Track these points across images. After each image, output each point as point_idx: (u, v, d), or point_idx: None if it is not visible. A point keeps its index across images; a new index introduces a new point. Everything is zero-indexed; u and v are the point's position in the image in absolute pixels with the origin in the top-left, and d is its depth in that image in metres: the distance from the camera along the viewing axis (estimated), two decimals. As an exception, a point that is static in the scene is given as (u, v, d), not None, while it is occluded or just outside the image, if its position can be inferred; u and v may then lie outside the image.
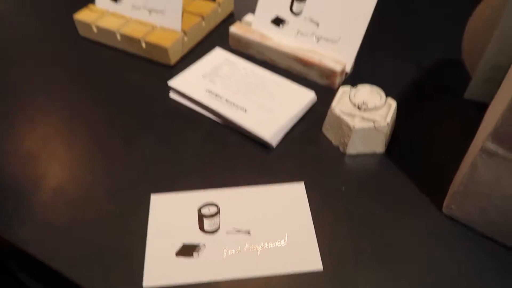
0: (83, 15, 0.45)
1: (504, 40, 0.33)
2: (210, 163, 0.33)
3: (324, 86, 0.39)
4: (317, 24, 0.39)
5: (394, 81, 0.39)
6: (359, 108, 0.33)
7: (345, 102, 0.34)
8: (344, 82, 0.40)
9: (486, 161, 0.25)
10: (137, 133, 0.35)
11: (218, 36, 0.46)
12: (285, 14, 0.41)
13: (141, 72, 0.41)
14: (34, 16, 0.50)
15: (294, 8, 0.40)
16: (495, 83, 0.35)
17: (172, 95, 0.38)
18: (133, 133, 0.35)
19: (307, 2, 0.39)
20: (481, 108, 0.31)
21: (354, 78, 0.40)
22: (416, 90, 0.39)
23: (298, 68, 0.40)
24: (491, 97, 0.30)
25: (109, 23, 0.43)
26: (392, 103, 0.33)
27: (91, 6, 0.46)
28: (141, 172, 0.32)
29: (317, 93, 0.38)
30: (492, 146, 0.24)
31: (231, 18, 0.48)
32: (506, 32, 0.33)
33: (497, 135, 0.24)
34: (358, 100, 0.33)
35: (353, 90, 0.34)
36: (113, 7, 0.45)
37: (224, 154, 0.34)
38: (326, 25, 0.39)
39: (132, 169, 0.33)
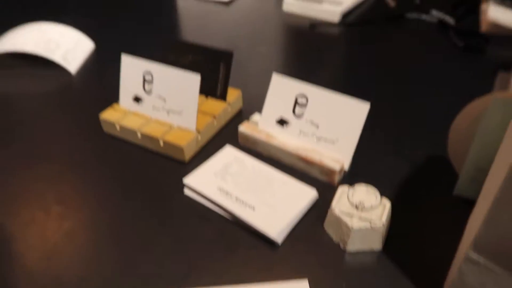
0: (108, 115, 0.50)
1: (483, 146, 0.37)
2: (220, 259, 0.36)
3: (324, 183, 0.43)
4: (317, 126, 0.44)
5: (388, 178, 0.43)
6: (356, 207, 0.36)
7: (344, 201, 0.37)
8: (343, 179, 0.43)
9: (470, 268, 0.28)
10: (153, 229, 0.39)
11: (228, 132, 0.50)
12: (288, 116, 0.46)
13: (158, 168, 0.46)
14: (63, 113, 0.55)
15: (296, 111, 0.45)
16: (480, 183, 0.39)
17: (187, 191, 0.42)
18: (150, 229, 0.39)
19: (307, 106, 0.44)
20: (471, 204, 0.34)
21: (352, 175, 0.44)
22: (408, 187, 0.43)
23: (300, 165, 0.44)
24: (478, 195, 0.33)
25: (131, 123, 0.48)
26: (387, 203, 0.37)
27: (115, 105, 0.51)
28: (157, 266, 0.35)
29: (318, 189, 0.41)
30: (474, 256, 0.27)
31: (240, 115, 0.53)
32: (485, 139, 0.37)
33: (478, 245, 0.27)
34: (355, 199, 0.37)
35: (351, 189, 0.38)
36: (135, 107, 0.50)
37: (233, 251, 0.36)
38: (325, 127, 0.44)
39: (147, 264, 0.35)
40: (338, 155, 0.43)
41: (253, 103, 0.54)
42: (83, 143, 0.50)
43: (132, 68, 0.49)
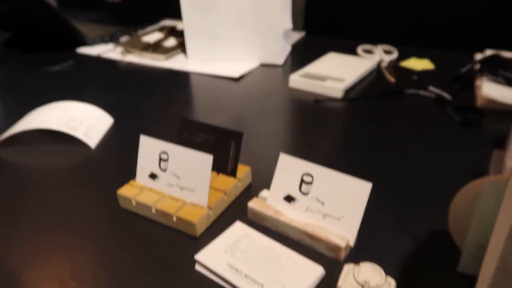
0: (125, 190, 0.53)
1: (482, 225, 0.39)
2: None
3: (331, 258, 0.44)
4: (323, 203, 0.47)
5: (392, 254, 0.45)
6: (362, 286, 0.38)
7: (350, 280, 0.38)
8: (349, 254, 0.45)
9: None
10: (166, 305, 0.40)
11: (238, 207, 0.53)
12: (295, 193, 0.48)
13: (171, 242, 0.48)
14: (82, 187, 0.59)
15: (303, 189, 0.48)
16: (481, 260, 0.40)
17: (198, 267, 0.44)
18: (163, 306, 0.40)
19: (313, 184, 0.47)
20: (475, 280, 0.35)
21: (357, 250, 0.45)
22: (412, 263, 0.44)
23: (307, 241, 0.46)
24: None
25: (146, 198, 0.51)
26: (392, 282, 0.38)
27: (132, 181, 0.55)
28: None
29: (324, 264, 0.43)
30: None
31: (249, 190, 0.56)
32: (482, 219, 0.39)
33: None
34: (361, 278, 0.38)
35: (357, 268, 0.39)
36: (150, 183, 0.54)
37: (243, 329, 0.37)
38: (330, 204, 0.46)
39: None
40: (344, 231, 0.45)
41: (262, 177, 0.57)
42: (100, 216, 0.52)
43: (149, 148, 0.53)
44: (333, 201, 0.46)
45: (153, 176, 0.54)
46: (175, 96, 0.88)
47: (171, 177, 0.52)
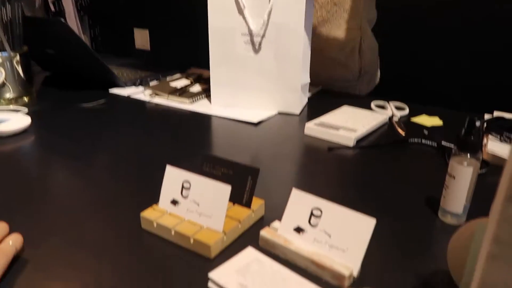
0: (148, 213, 0.58)
1: (475, 262, 0.42)
2: None
3: (335, 286, 0.47)
4: (330, 235, 0.50)
5: (393, 286, 0.47)
6: (362, 310, 0.40)
7: (351, 304, 0.41)
8: (352, 283, 0.48)
9: None
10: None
11: (251, 235, 0.57)
12: (304, 225, 0.52)
13: (186, 262, 0.52)
14: (107, 212, 0.64)
15: (312, 221, 0.52)
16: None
17: (210, 284, 0.47)
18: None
19: (322, 218, 0.51)
20: None
21: (360, 281, 0.48)
22: (413, 297, 0.46)
23: (313, 268, 0.49)
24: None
25: (167, 222, 0.56)
26: (390, 308, 0.41)
27: (154, 206, 0.60)
28: None
29: (329, 292, 0.46)
30: None
31: (261, 222, 0.60)
32: (477, 258, 0.42)
33: None
34: (361, 303, 0.41)
35: (358, 293, 0.42)
36: (171, 209, 0.58)
37: None
38: (336, 237, 0.50)
39: None
40: (348, 262, 0.48)
41: (274, 211, 0.61)
42: (123, 237, 0.57)
43: (173, 177, 0.59)
44: (339, 233, 0.50)
45: (174, 202, 0.58)
46: (197, 136, 0.94)
47: (191, 204, 0.57)
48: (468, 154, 0.57)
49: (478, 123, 0.55)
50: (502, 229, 0.28)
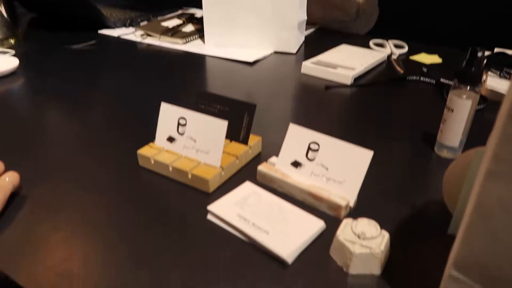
0: (144, 151, 0.57)
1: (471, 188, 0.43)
2: (239, 276, 0.41)
3: (332, 216, 0.48)
4: (327, 168, 0.50)
5: (389, 216, 0.48)
6: (358, 237, 0.41)
7: (347, 231, 0.42)
8: (349, 214, 0.49)
9: (453, 286, 0.32)
10: (178, 248, 0.44)
11: (248, 171, 0.57)
12: (302, 159, 0.52)
13: (184, 197, 0.52)
14: (103, 148, 0.63)
15: (309, 155, 0.52)
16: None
17: (209, 217, 0.48)
18: (175, 247, 0.44)
19: (319, 151, 0.51)
20: None
21: (356, 211, 0.49)
22: (407, 225, 0.48)
23: (311, 200, 0.50)
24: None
25: (164, 158, 0.56)
26: (386, 235, 0.42)
27: (151, 143, 0.59)
28: (181, 285, 0.40)
29: (326, 221, 0.47)
30: (454, 273, 0.32)
31: (258, 158, 0.60)
32: (473, 184, 0.43)
33: (457, 264, 0.31)
34: (358, 230, 0.42)
35: (354, 222, 0.43)
36: (168, 146, 0.58)
37: (248, 269, 0.41)
38: (334, 170, 0.50)
39: (170, 283, 0.41)
40: (345, 193, 0.49)
41: (271, 148, 0.61)
42: (121, 174, 0.57)
43: (169, 113, 0.58)
44: (336, 166, 0.50)
45: (171, 139, 0.58)
46: (191, 77, 0.92)
47: (188, 141, 0.56)
48: (468, 87, 0.56)
49: (480, 54, 0.54)
50: (502, 147, 0.28)
